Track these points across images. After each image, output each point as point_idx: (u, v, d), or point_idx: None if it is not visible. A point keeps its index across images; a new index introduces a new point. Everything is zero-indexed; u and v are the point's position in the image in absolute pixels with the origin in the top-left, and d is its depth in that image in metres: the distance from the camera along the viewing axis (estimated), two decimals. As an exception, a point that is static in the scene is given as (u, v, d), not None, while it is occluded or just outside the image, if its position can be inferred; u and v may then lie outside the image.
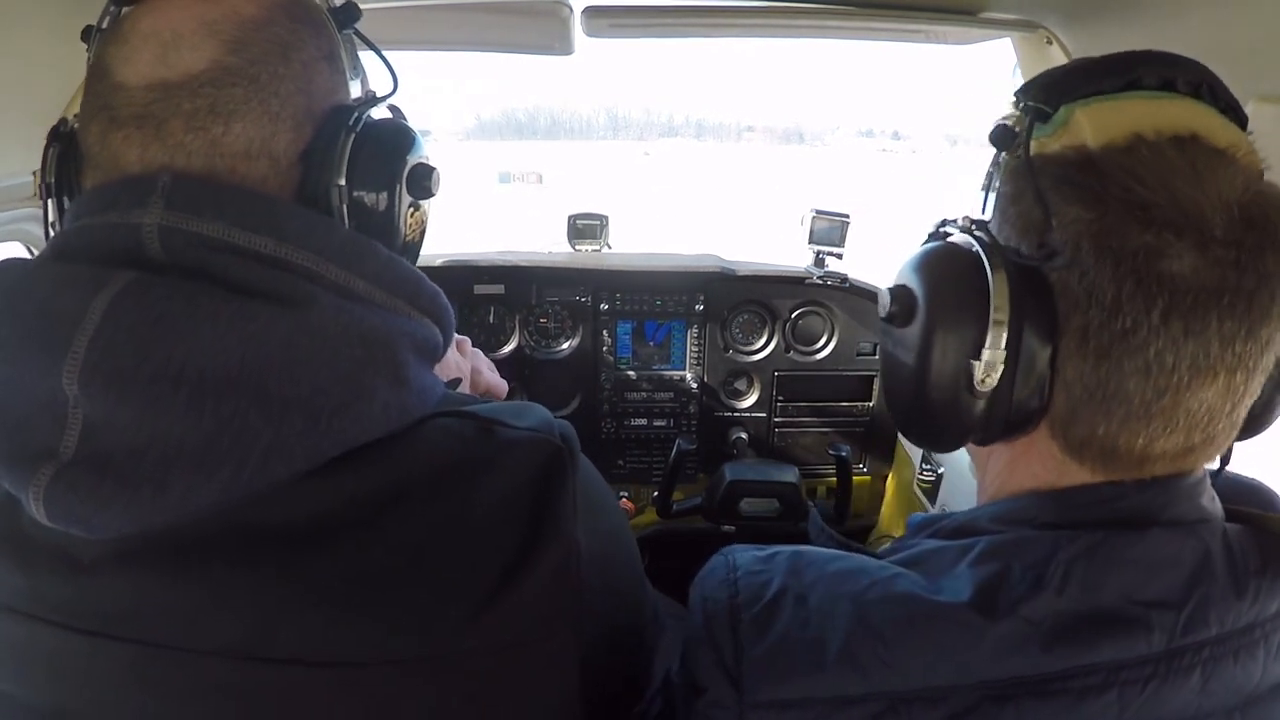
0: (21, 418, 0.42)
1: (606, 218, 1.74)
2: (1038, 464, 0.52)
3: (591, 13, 1.11)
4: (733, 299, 1.63)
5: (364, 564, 0.45)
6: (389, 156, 0.53)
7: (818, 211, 1.54)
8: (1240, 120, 0.50)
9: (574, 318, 1.64)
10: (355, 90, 0.54)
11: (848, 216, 1.54)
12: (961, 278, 0.50)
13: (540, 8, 1.10)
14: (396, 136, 0.54)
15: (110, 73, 0.48)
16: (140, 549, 0.44)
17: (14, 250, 1.13)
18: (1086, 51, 1.05)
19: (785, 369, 1.66)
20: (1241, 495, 0.57)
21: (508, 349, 1.64)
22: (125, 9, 0.50)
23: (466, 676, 0.46)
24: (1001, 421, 0.51)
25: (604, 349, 1.65)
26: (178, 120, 0.46)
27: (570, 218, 1.74)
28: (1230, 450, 0.55)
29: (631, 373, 1.66)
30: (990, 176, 0.54)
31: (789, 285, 1.62)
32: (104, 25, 0.52)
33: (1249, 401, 0.48)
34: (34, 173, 1.01)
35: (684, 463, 1.41)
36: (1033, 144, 0.50)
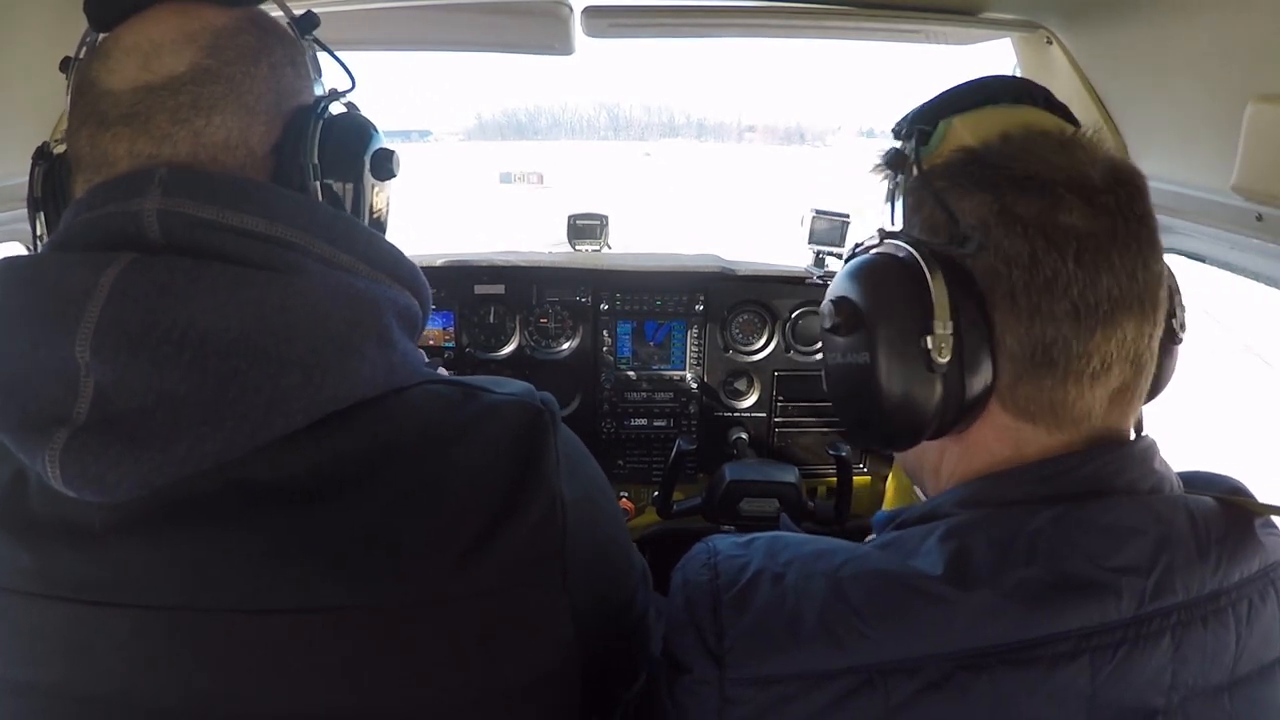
0: (34, 388, 0.46)
1: (607, 218, 1.74)
2: (994, 441, 0.55)
3: (591, 13, 1.11)
4: (733, 299, 1.63)
5: (357, 516, 0.48)
6: (353, 143, 0.58)
7: (818, 211, 1.54)
8: (1075, 123, 0.59)
9: (574, 318, 1.64)
10: (318, 91, 0.60)
11: (848, 216, 1.53)
12: (894, 273, 0.54)
13: (540, 8, 1.10)
14: (357, 126, 0.59)
15: (96, 84, 0.52)
16: (145, 514, 0.47)
17: (14, 250, 1.13)
18: (1087, 52, 1.06)
19: (785, 369, 1.66)
20: (1212, 486, 0.59)
21: (508, 349, 1.64)
22: (103, 34, 0.55)
23: (459, 621, 0.49)
24: (956, 403, 0.53)
25: (604, 349, 1.65)
26: (163, 115, 0.51)
27: (570, 218, 1.74)
28: (1141, 419, 0.60)
29: (631, 373, 1.66)
30: (891, 198, 0.60)
31: (789, 285, 1.62)
32: (81, 55, 0.56)
33: (1158, 335, 0.54)
34: (34, 173, 1.01)
35: (684, 463, 1.41)
36: (923, 161, 0.57)
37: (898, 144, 0.60)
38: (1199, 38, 0.83)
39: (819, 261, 1.53)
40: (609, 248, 1.75)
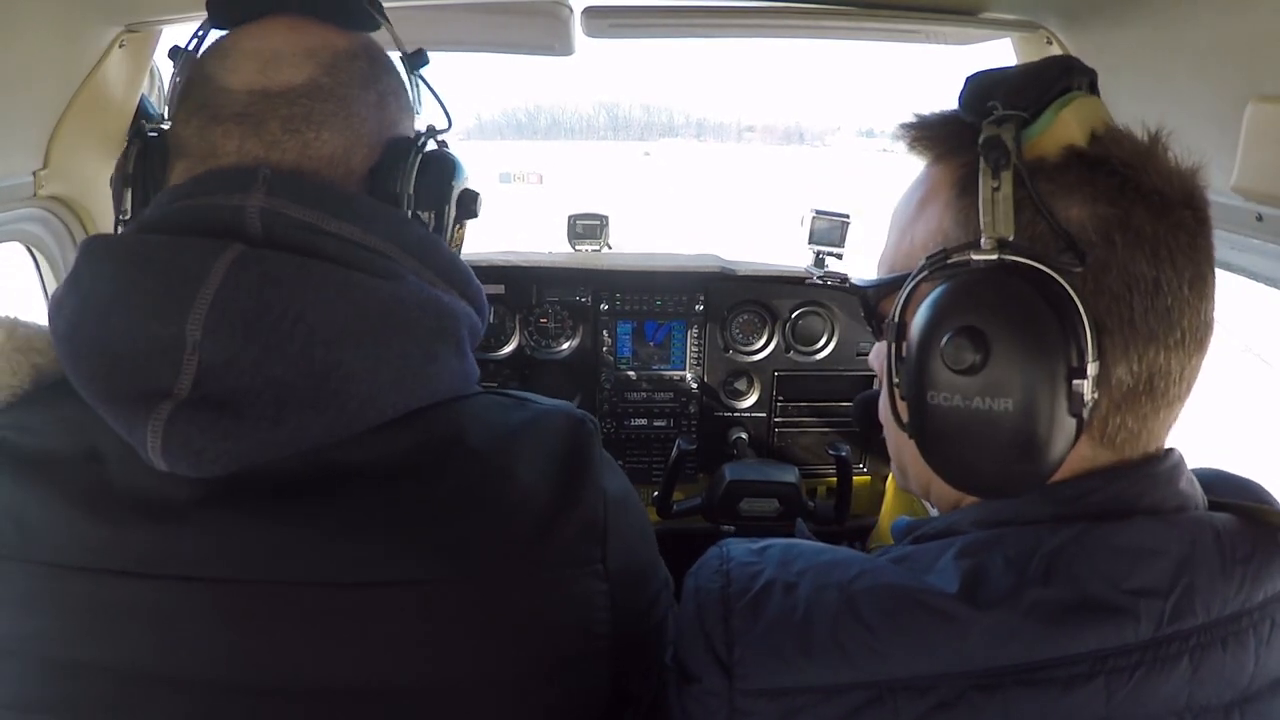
0: (136, 361, 0.47)
1: (607, 218, 1.74)
2: (1064, 466, 0.50)
3: (591, 13, 1.11)
4: (733, 299, 1.63)
5: (433, 498, 0.51)
6: (445, 180, 0.62)
7: (818, 212, 1.54)
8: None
9: (574, 318, 1.64)
10: (416, 124, 0.63)
11: (848, 217, 1.54)
12: (1038, 300, 0.46)
13: (540, 8, 1.10)
14: (450, 164, 0.63)
15: (213, 79, 0.55)
16: (230, 490, 0.48)
17: (14, 251, 1.13)
18: (1087, 51, 1.06)
19: (785, 369, 1.66)
20: (1232, 491, 0.58)
21: (508, 349, 1.64)
22: (226, 31, 0.59)
23: (524, 598, 0.52)
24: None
25: (604, 349, 1.65)
26: (275, 122, 0.54)
27: (570, 218, 1.74)
28: None
29: (631, 373, 1.66)
30: (992, 195, 0.48)
31: (789, 285, 1.62)
32: (191, 46, 0.60)
33: None
34: (34, 173, 1.01)
35: (684, 463, 1.41)
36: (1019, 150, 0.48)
37: (987, 128, 0.49)
38: (1199, 38, 0.83)
39: (819, 262, 1.53)
40: (609, 248, 1.75)
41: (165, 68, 1.20)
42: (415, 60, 0.65)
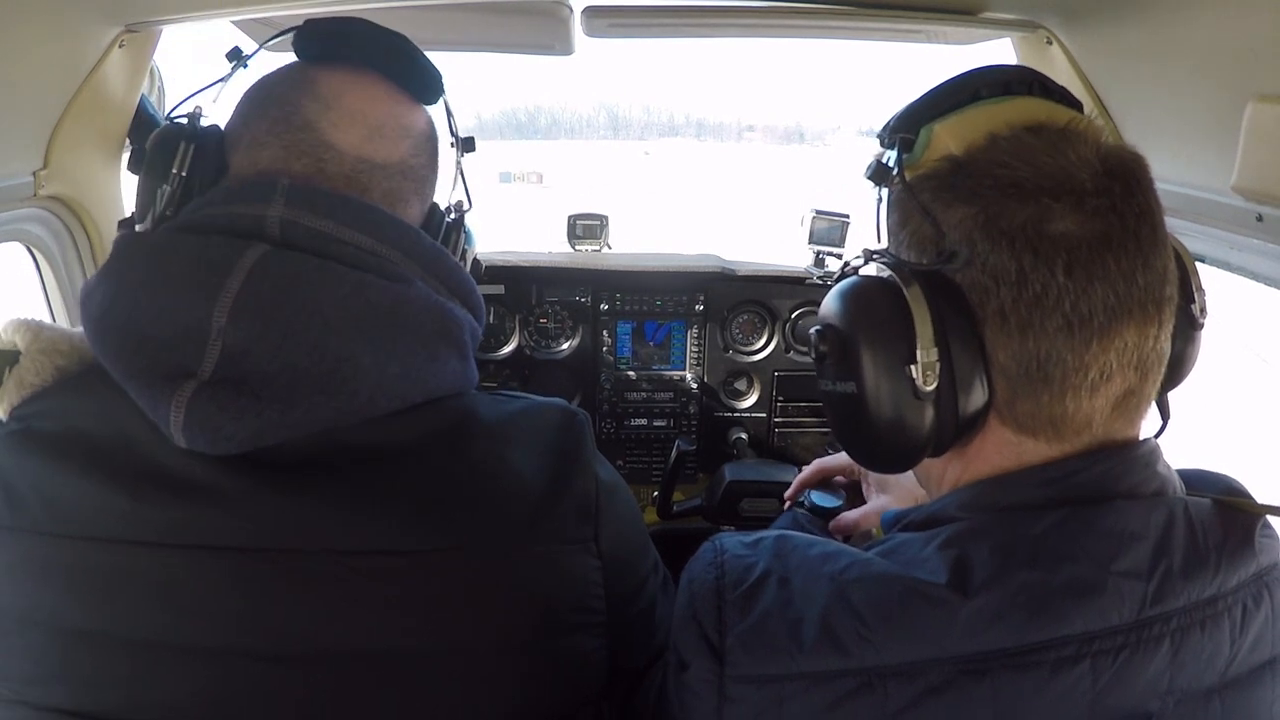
0: (167, 343, 0.52)
1: (606, 218, 1.74)
2: (995, 454, 0.54)
3: (591, 13, 1.11)
4: (733, 299, 1.63)
5: (438, 478, 0.56)
6: (461, 247, 0.72)
7: (818, 212, 1.54)
8: (1075, 105, 0.56)
9: (574, 318, 1.64)
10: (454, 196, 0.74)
11: (848, 217, 1.54)
12: (876, 298, 0.53)
13: (540, 8, 1.10)
14: (467, 236, 0.73)
15: (316, 128, 0.61)
16: (244, 467, 0.52)
17: (14, 251, 1.12)
18: (1087, 51, 1.06)
19: (785, 369, 1.66)
20: (1210, 487, 0.59)
21: (508, 349, 1.63)
22: (311, 66, 0.64)
23: (522, 571, 0.56)
24: (952, 424, 0.52)
25: (604, 349, 1.65)
26: (377, 193, 0.62)
27: (570, 218, 1.73)
28: (1168, 406, 0.59)
29: (631, 373, 1.66)
30: (877, 212, 0.59)
31: (789, 285, 1.62)
32: (248, 61, 0.70)
33: (1168, 331, 0.51)
34: (34, 173, 1.01)
35: (684, 463, 1.41)
36: (906, 171, 0.55)
37: (882, 153, 0.58)
38: (1199, 38, 0.83)
39: (819, 261, 1.53)
40: (609, 248, 1.75)
41: (165, 68, 1.19)
42: (466, 146, 0.76)
